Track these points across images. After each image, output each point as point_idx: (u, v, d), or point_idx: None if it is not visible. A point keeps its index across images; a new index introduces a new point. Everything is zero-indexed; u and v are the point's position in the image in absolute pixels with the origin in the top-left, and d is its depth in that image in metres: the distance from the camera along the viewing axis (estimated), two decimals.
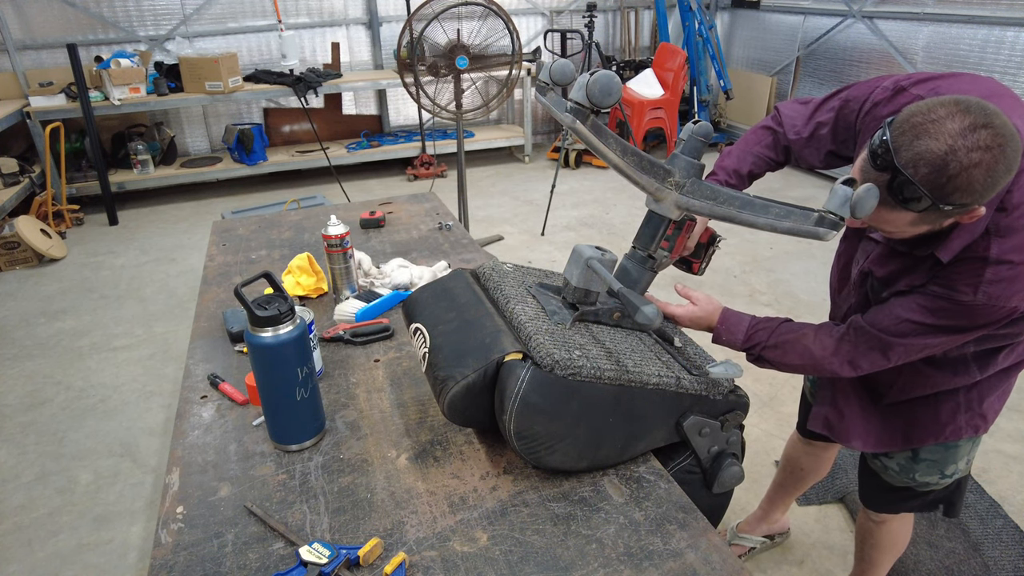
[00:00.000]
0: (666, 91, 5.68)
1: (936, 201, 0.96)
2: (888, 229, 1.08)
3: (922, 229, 1.05)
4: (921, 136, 0.94)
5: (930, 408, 1.35)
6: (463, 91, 3.52)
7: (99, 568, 2.05)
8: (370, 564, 0.99)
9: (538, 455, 1.09)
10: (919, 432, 1.38)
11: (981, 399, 1.33)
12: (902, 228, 1.05)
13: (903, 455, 1.44)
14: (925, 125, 0.95)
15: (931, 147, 0.94)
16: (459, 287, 1.31)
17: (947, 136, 0.93)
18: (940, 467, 1.42)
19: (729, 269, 3.90)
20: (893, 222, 1.04)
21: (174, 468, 1.20)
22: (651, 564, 0.99)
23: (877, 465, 1.51)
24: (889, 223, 1.05)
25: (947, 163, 0.93)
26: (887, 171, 0.98)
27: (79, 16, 5.03)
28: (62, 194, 4.78)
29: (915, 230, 1.05)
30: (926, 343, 1.15)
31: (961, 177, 0.93)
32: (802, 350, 1.28)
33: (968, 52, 4.41)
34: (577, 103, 1.17)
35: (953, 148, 0.92)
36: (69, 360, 3.15)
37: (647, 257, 1.33)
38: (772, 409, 2.68)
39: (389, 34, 5.82)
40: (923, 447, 1.40)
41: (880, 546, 1.68)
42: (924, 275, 1.13)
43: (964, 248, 1.06)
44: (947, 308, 1.09)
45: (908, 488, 1.48)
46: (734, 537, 2.07)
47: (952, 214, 0.99)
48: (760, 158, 1.49)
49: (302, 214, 2.45)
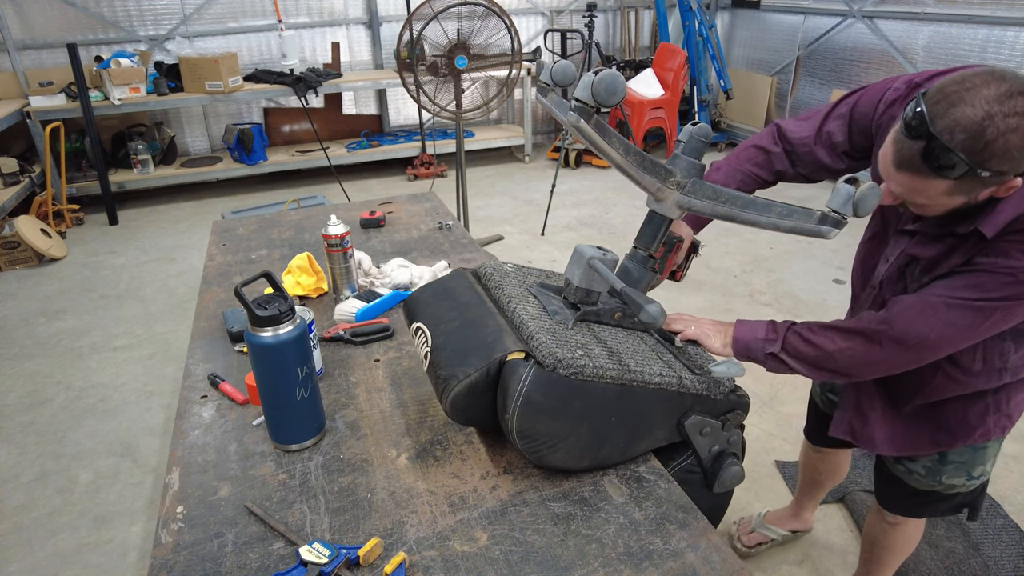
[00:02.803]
0: (666, 91, 5.68)
1: (973, 167, 0.94)
2: (921, 201, 1.05)
3: (957, 201, 1.03)
4: (956, 104, 0.93)
5: (959, 411, 1.33)
6: (463, 91, 3.52)
7: (99, 568, 2.04)
8: (370, 564, 0.99)
9: (540, 454, 1.09)
10: (948, 436, 1.36)
11: (1009, 399, 1.32)
12: (936, 199, 1.03)
13: (930, 458, 1.42)
14: (960, 93, 0.94)
15: (967, 113, 0.93)
16: (460, 287, 1.30)
17: (983, 102, 0.92)
18: (968, 469, 1.41)
19: (729, 269, 3.90)
20: (926, 192, 1.02)
21: (174, 468, 1.20)
22: (651, 564, 0.99)
23: (900, 470, 1.48)
24: (922, 194, 1.03)
25: (984, 128, 0.92)
26: (922, 139, 0.97)
27: (79, 16, 5.02)
28: (62, 194, 4.78)
29: (950, 202, 1.03)
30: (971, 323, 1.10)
31: (998, 143, 0.92)
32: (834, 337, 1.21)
33: (968, 52, 4.40)
34: (581, 102, 1.17)
35: (990, 114, 0.92)
36: (69, 360, 3.15)
37: (648, 257, 1.33)
38: (772, 409, 2.68)
39: (389, 34, 5.81)
40: (951, 450, 1.38)
41: (892, 548, 1.67)
42: (969, 252, 1.10)
43: (1011, 222, 1.04)
44: (996, 279, 1.07)
45: (933, 492, 1.46)
46: (759, 525, 2.07)
47: (988, 183, 0.98)
48: (749, 176, 1.47)
49: (302, 214, 2.44)
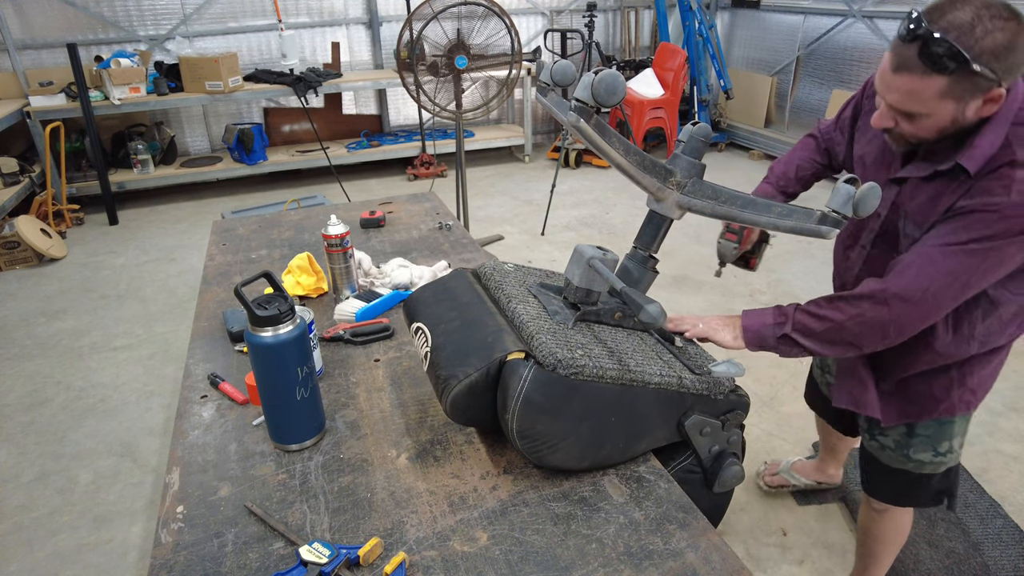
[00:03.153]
0: (666, 91, 5.68)
1: (966, 60, 1.03)
2: (915, 109, 1.11)
3: (948, 109, 1.09)
4: (949, 10, 1.05)
5: (925, 384, 1.41)
6: (463, 91, 3.52)
7: (99, 568, 2.05)
8: (370, 564, 0.99)
9: (540, 454, 1.09)
10: (916, 408, 1.44)
11: (972, 374, 1.39)
12: (930, 105, 1.09)
13: (898, 431, 1.48)
14: (952, 2, 1.06)
15: (959, 16, 1.04)
16: (460, 287, 1.30)
17: (972, 7, 1.04)
18: (934, 444, 1.47)
19: (729, 269, 3.90)
20: (922, 95, 1.08)
21: (174, 468, 1.20)
22: (651, 564, 0.99)
23: (874, 446, 1.55)
24: (918, 98, 1.09)
25: (974, 26, 1.03)
26: (918, 40, 1.05)
27: (79, 16, 5.02)
28: (62, 194, 4.78)
29: (941, 109, 1.09)
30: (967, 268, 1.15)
31: (988, 40, 1.03)
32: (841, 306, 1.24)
33: None
34: (581, 102, 1.17)
35: (979, 16, 1.03)
36: (69, 360, 3.15)
37: (648, 257, 1.33)
38: (772, 409, 2.68)
39: (389, 34, 5.82)
40: (918, 423, 1.45)
41: (882, 538, 1.70)
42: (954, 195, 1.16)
43: (989, 160, 1.12)
44: (981, 218, 1.12)
45: (905, 471, 1.52)
46: (786, 470, 2.22)
47: (978, 87, 1.06)
48: (805, 160, 1.64)
49: (302, 214, 2.44)
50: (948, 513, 2.12)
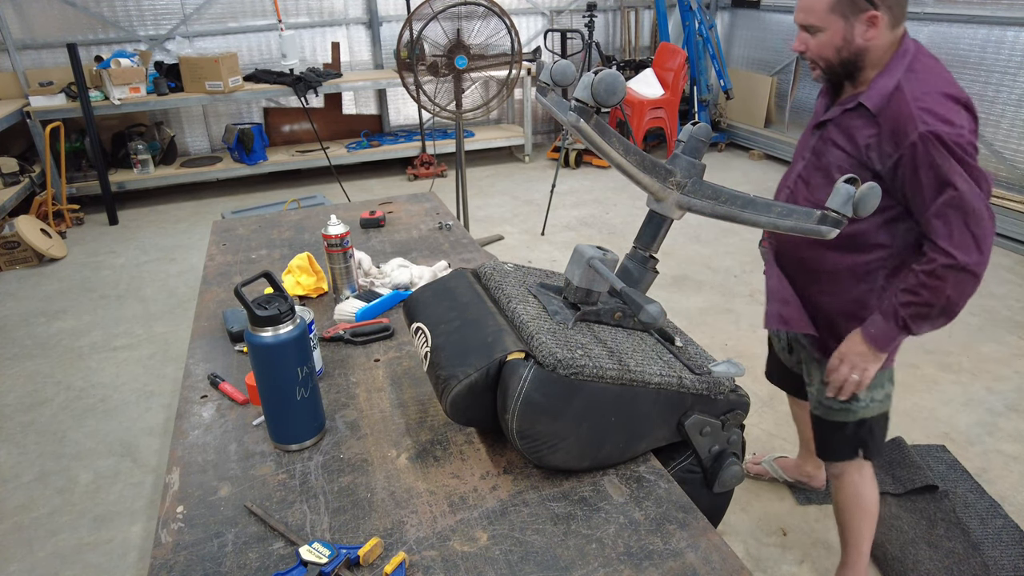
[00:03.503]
0: (666, 91, 5.68)
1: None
2: (812, 21, 1.38)
3: (839, 23, 1.35)
4: None
5: (853, 322, 1.54)
6: (463, 91, 3.52)
7: (99, 568, 2.05)
8: (370, 564, 0.99)
9: (540, 454, 1.09)
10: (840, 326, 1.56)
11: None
12: (823, 17, 1.36)
13: (820, 376, 1.62)
14: None
15: None
16: (460, 287, 1.30)
17: None
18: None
19: (729, 269, 3.90)
20: (814, 8, 1.37)
21: (174, 468, 1.20)
22: (651, 564, 0.99)
23: (812, 391, 1.68)
24: (811, 10, 1.37)
25: None
26: None
27: (79, 16, 5.03)
28: (62, 194, 4.78)
29: (833, 21, 1.36)
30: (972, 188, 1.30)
31: None
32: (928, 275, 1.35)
33: (968, 52, 4.41)
34: (581, 102, 1.17)
35: None
36: (69, 360, 3.15)
37: (648, 257, 1.33)
38: (772, 409, 2.68)
39: (389, 34, 5.82)
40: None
41: (847, 507, 1.76)
42: (863, 131, 1.39)
43: (886, 98, 1.35)
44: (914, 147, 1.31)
45: (822, 420, 1.66)
46: (769, 463, 2.31)
47: (858, 6, 1.32)
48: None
49: (302, 214, 2.44)
50: (948, 513, 2.12)
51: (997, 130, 4.34)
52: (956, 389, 2.76)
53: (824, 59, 1.41)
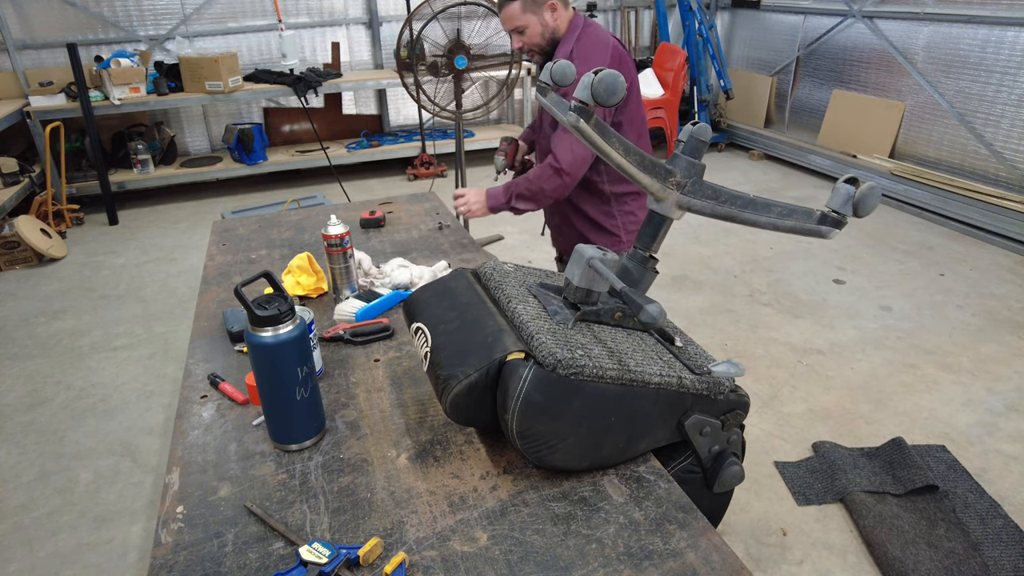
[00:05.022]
0: (666, 91, 5.68)
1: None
2: (516, 24, 1.86)
3: (532, 18, 1.85)
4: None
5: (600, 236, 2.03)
6: (463, 91, 3.52)
7: (99, 568, 2.05)
8: (370, 564, 0.99)
9: (540, 454, 1.09)
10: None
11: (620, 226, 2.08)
12: (521, 19, 1.85)
13: None
14: None
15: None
16: (460, 287, 1.30)
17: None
18: None
19: (729, 269, 3.90)
20: (513, 16, 1.85)
21: (174, 468, 1.20)
22: (651, 564, 0.99)
23: None
24: (512, 18, 1.86)
25: None
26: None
27: (79, 16, 5.03)
28: (62, 194, 4.78)
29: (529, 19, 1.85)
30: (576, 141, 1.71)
31: None
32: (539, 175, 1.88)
33: (968, 52, 4.41)
34: (581, 102, 1.17)
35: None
36: (69, 360, 3.15)
37: (648, 257, 1.33)
38: (772, 409, 2.68)
39: (389, 34, 5.82)
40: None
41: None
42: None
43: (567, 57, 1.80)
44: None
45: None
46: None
47: (538, 2, 1.82)
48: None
49: (302, 214, 2.44)
50: (948, 513, 2.12)
51: (997, 130, 4.33)
52: (956, 389, 2.76)
53: (537, 45, 1.90)
